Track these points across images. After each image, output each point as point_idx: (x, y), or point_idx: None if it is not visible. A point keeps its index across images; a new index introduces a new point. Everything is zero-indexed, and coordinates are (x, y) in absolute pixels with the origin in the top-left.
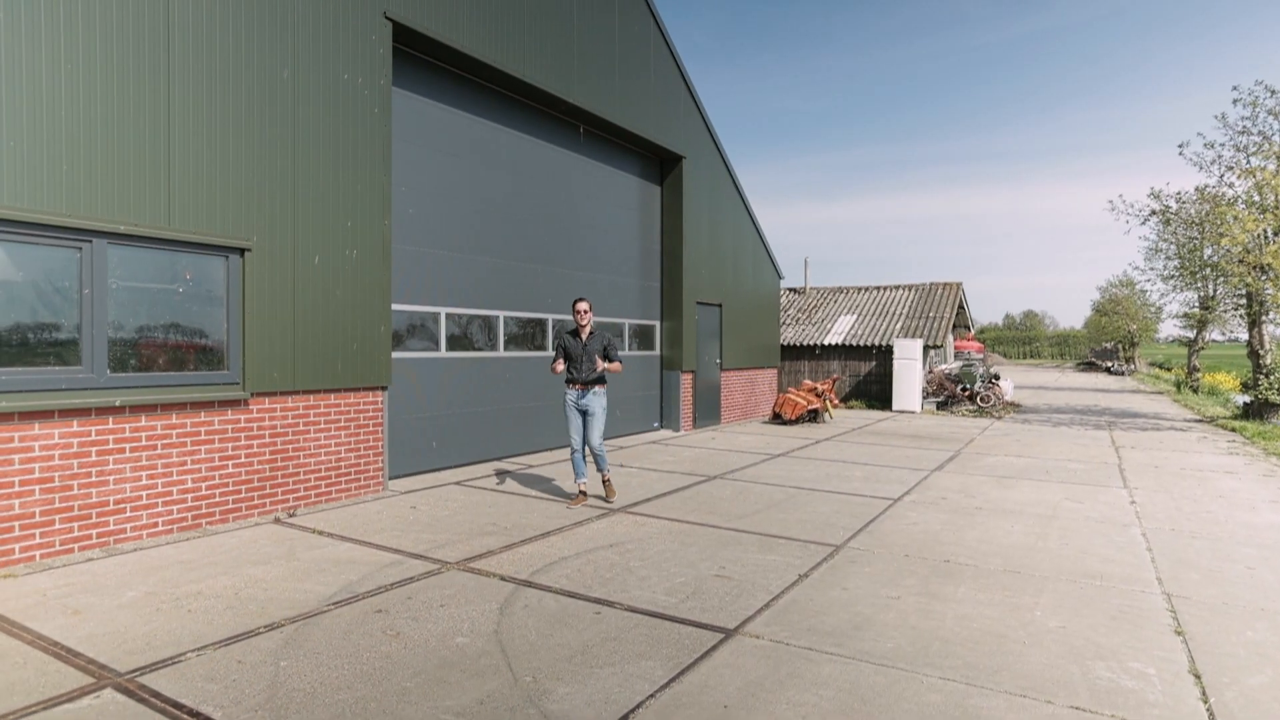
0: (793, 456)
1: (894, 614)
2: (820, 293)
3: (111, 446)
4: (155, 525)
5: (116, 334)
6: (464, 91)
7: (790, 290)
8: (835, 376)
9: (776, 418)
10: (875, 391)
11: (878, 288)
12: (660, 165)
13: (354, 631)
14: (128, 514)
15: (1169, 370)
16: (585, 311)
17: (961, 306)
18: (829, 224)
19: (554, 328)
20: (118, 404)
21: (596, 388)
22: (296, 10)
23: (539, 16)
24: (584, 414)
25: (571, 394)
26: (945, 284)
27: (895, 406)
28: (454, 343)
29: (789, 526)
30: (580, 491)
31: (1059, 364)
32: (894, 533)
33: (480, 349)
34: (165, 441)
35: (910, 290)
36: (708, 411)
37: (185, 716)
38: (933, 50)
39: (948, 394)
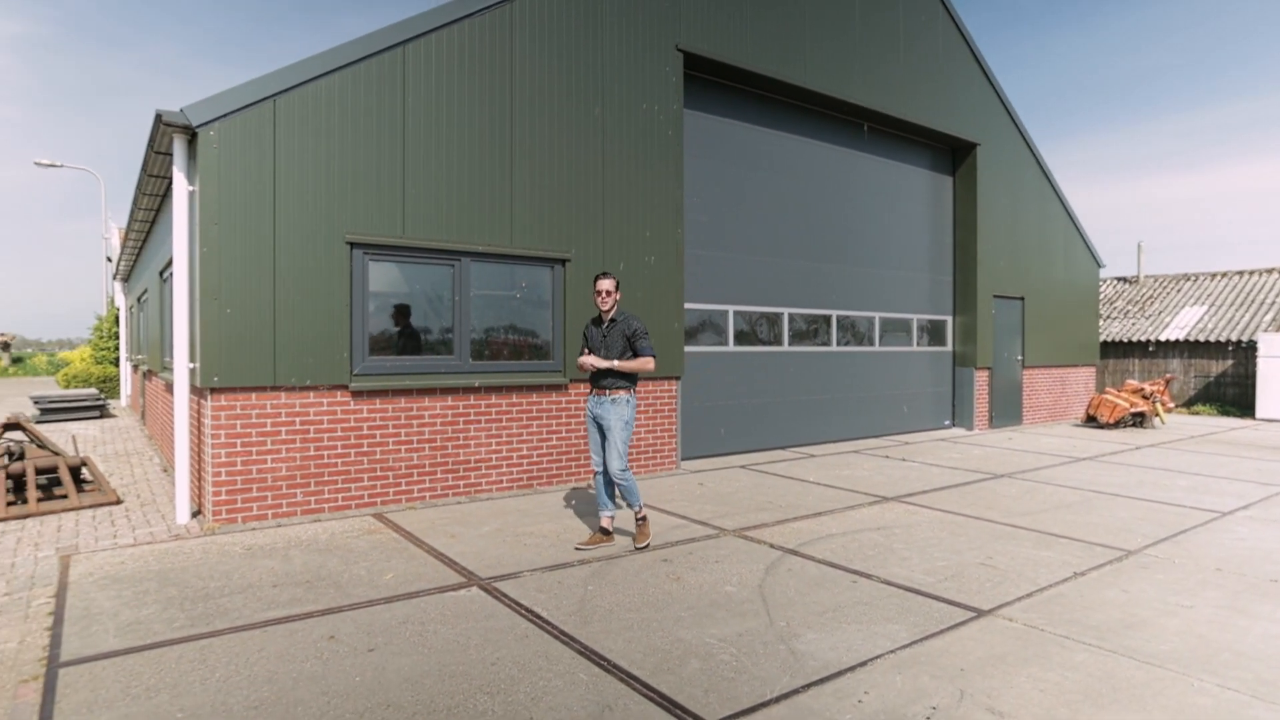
0: (1101, 461)
1: (1180, 621)
2: (1158, 281)
3: (472, 418)
4: (501, 482)
5: (475, 330)
6: (746, 103)
7: (1118, 280)
8: (1170, 376)
9: (1091, 420)
10: (1231, 396)
11: (1239, 272)
12: (951, 155)
13: (644, 572)
14: (483, 471)
15: None
16: (609, 293)
17: None
18: (1182, 200)
19: (838, 323)
20: (477, 385)
21: (614, 392)
22: (605, 56)
23: (818, 23)
24: (599, 426)
25: (590, 399)
26: None
27: (1260, 414)
28: (741, 338)
29: (1075, 528)
30: (600, 529)
31: None
32: (1209, 545)
33: (766, 344)
34: (508, 416)
35: None
36: (1006, 411)
37: (523, 611)
38: None
39: None
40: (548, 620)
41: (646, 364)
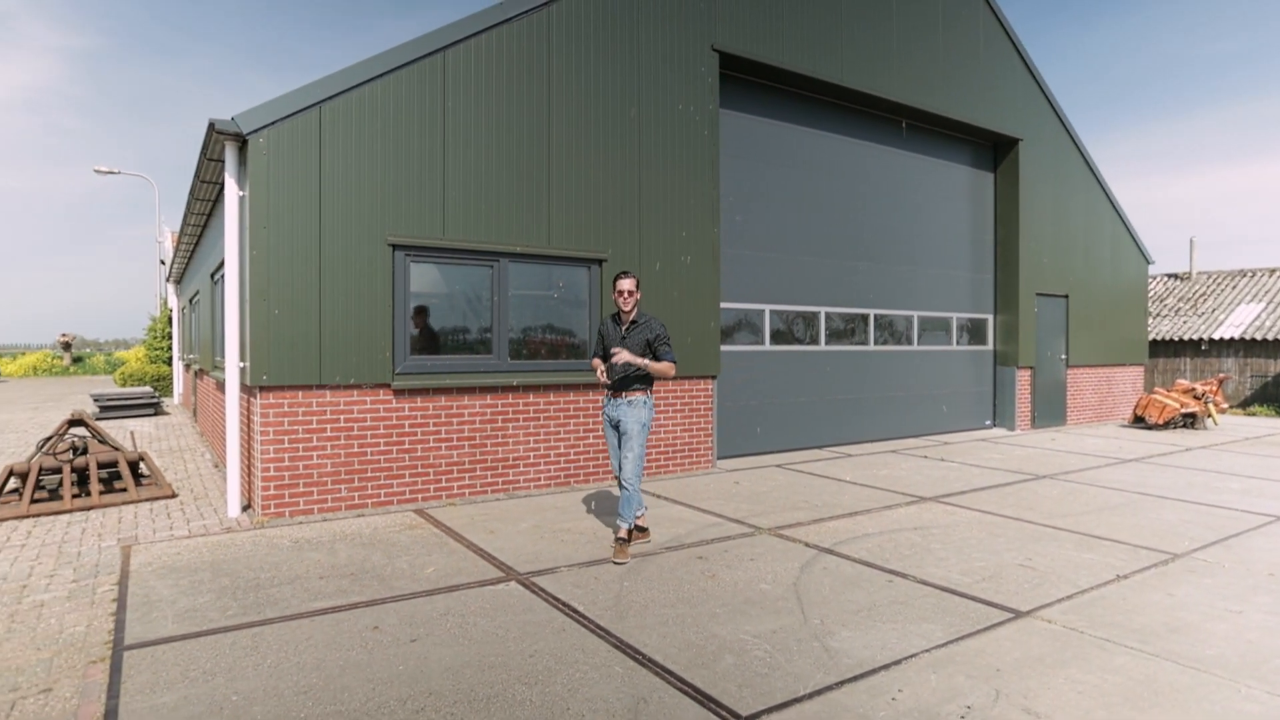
0: (1148, 462)
1: (1228, 626)
2: (1211, 278)
3: (511, 416)
4: (539, 480)
5: (513, 330)
6: (783, 102)
7: (1169, 276)
8: (1223, 376)
9: (1138, 421)
10: None
11: None
12: (993, 151)
13: (679, 569)
14: (521, 469)
15: None
16: (630, 292)
17: None
18: (1239, 193)
19: (875, 322)
20: (515, 384)
21: (632, 394)
22: (641, 58)
23: (855, 19)
24: (616, 429)
25: (606, 402)
26: None
27: None
28: (777, 337)
29: (1119, 530)
30: (635, 526)
31: None
32: (1261, 549)
33: (803, 343)
34: (545, 415)
35: None
36: (1049, 411)
37: (560, 605)
38: None
39: None
40: (584, 614)
41: (668, 369)
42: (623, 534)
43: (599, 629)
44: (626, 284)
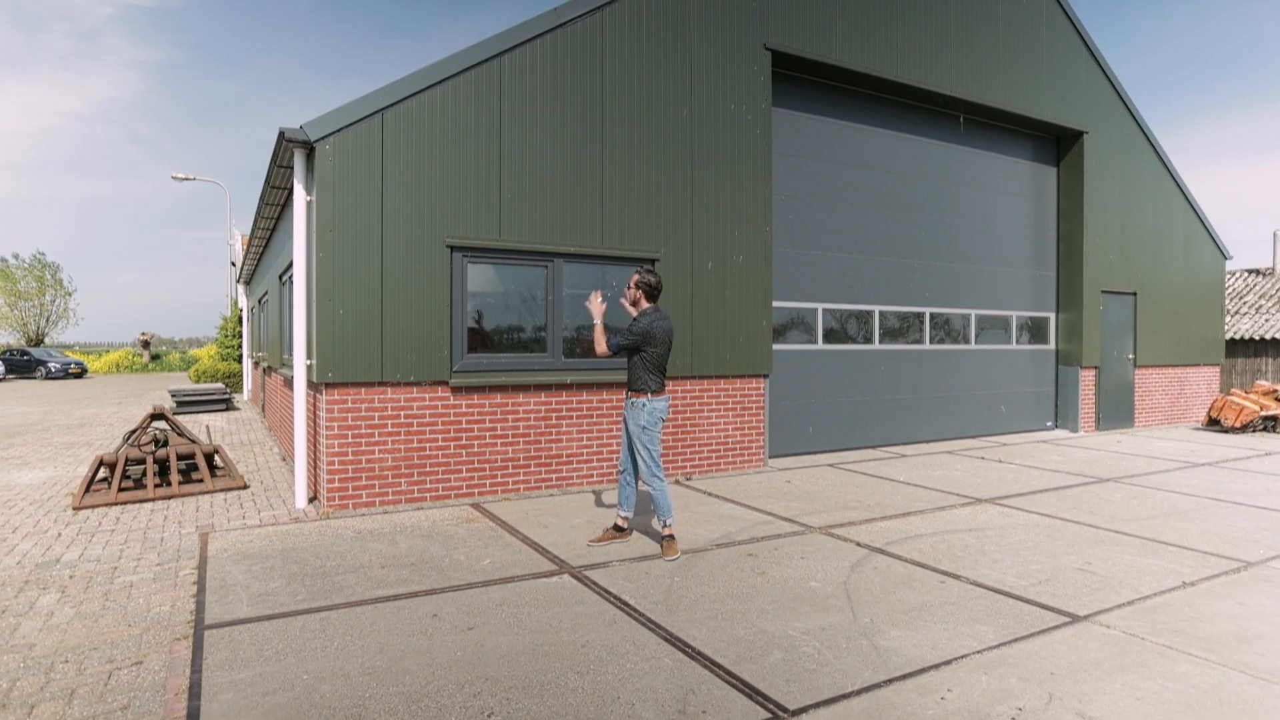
0: (1222, 467)
1: None
2: None
3: (564, 414)
4: (591, 476)
5: (567, 329)
6: (836, 99)
7: (1249, 272)
8: None
9: (1214, 423)
10: None
11: None
12: (1055, 144)
13: (729, 566)
14: (574, 465)
15: None
16: (630, 287)
17: None
18: None
19: (931, 320)
20: (568, 382)
21: (634, 395)
22: (693, 59)
23: (910, 12)
24: (626, 430)
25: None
26: None
27: None
28: (830, 336)
29: (1187, 536)
30: (615, 525)
31: None
32: None
33: (856, 342)
34: (598, 412)
35: None
36: (1115, 412)
37: (611, 598)
38: None
39: None
40: (635, 608)
41: (599, 337)
42: (667, 531)
43: (649, 622)
44: (633, 278)
